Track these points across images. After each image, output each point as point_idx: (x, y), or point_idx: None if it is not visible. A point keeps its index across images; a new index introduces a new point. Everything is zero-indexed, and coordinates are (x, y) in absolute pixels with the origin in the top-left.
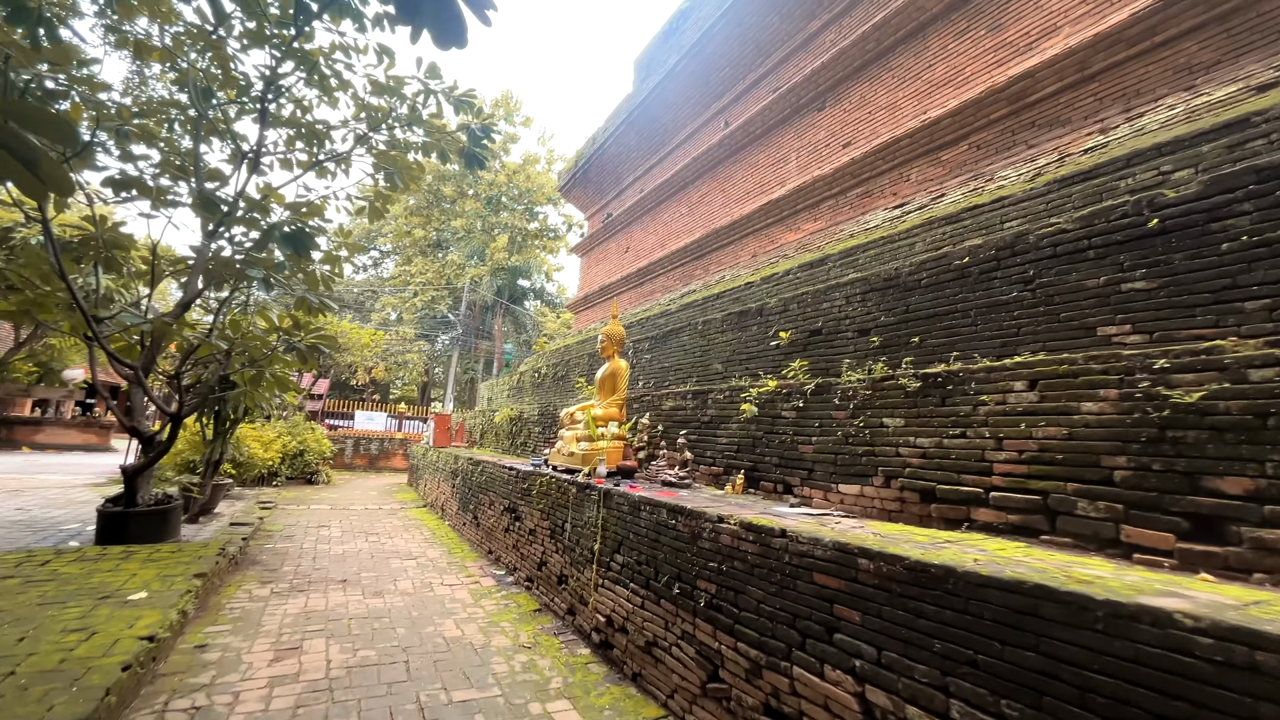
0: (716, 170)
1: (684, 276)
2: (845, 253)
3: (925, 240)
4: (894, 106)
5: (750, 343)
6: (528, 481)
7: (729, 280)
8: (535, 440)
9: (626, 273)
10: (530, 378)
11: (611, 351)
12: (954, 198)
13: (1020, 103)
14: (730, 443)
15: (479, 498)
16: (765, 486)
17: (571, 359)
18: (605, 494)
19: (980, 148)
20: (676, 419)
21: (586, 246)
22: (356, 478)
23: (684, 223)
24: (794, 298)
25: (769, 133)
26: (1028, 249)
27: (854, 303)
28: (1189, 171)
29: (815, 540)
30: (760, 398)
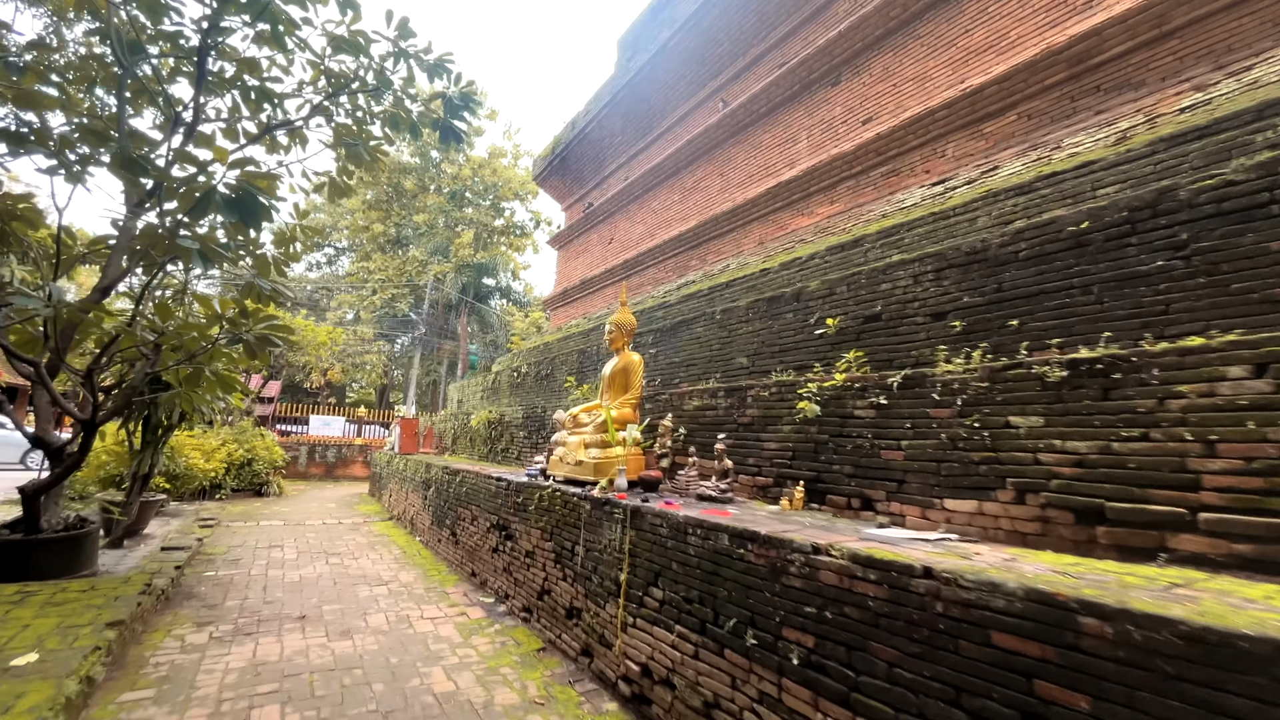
0: (713, 153)
1: (678, 267)
2: (884, 232)
3: (991, 214)
4: (924, 78)
5: (785, 332)
6: (523, 495)
7: (736, 269)
8: (520, 446)
9: (611, 265)
10: (508, 378)
11: (621, 343)
12: (1013, 169)
13: (1082, 65)
14: (781, 448)
15: (459, 512)
16: (835, 501)
17: (556, 356)
18: (633, 512)
19: (1032, 117)
20: (703, 421)
21: (564, 239)
22: (312, 488)
23: (677, 210)
24: (842, 280)
25: (774, 111)
26: (1177, 208)
27: (924, 282)
28: None
29: (991, 585)
30: (823, 394)
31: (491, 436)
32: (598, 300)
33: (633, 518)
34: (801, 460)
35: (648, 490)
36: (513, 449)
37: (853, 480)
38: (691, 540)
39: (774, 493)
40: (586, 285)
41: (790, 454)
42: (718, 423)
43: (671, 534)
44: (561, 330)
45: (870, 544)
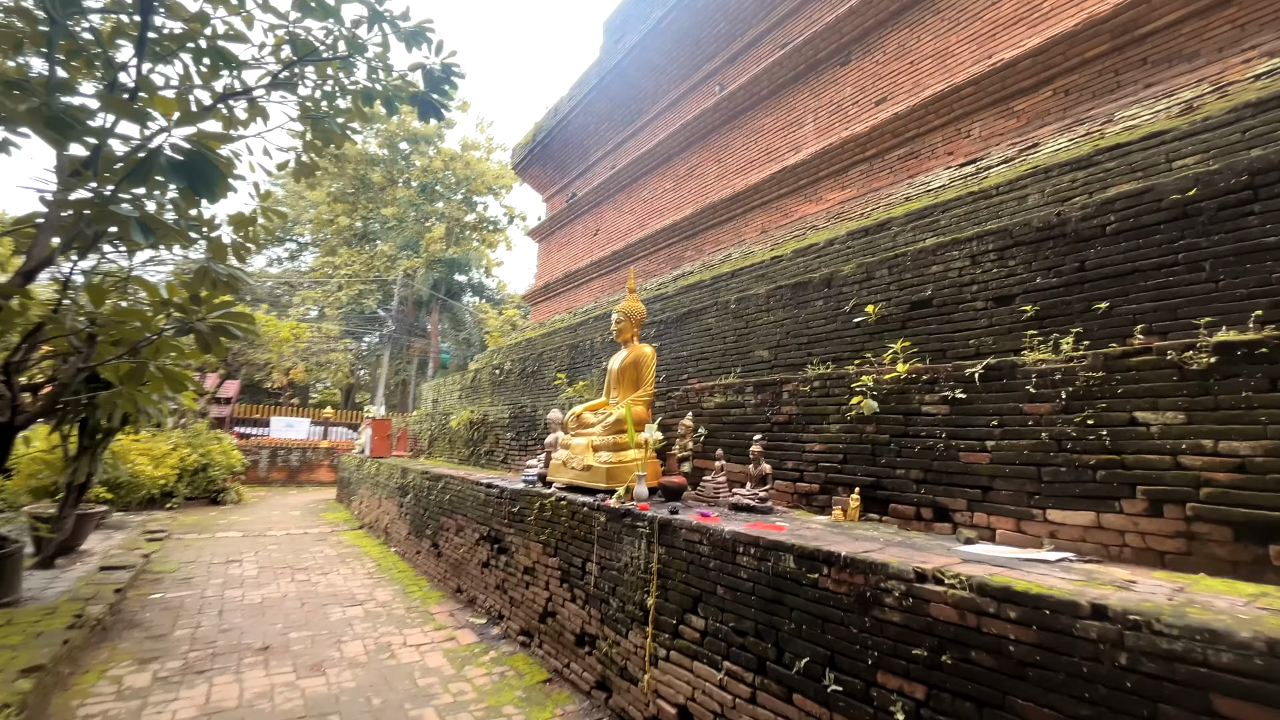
0: (709, 139)
1: (671, 259)
2: (915, 214)
3: (1044, 190)
4: (945, 54)
5: (814, 321)
6: (520, 504)
7: (741, 257)
8: (507, 449)
9: (597, 257)
10: (489, 376)
11: (630, 334)
12: (1057, 145)
13: (1127, 36)
14: (828, 450)
15: (442, 521)
16: (900, 511)
17: (543, 352)
18: (662, 526)
19: (1070, 92)
20: (728, 420)
21: (546, 231)
22: (274, 494)
23: (669, 199)
24: (881, 263)
25: (777, 94)
26: None
27: (983, 263)
28: None
29: (1210, 634)
30: (881, 388)
31: (474, 438)
32: (582, 294)
33: (662, 532)
34: (855, 464)
35: (671, 498)
36: (498, 452)
37: (922, 487)
38: (743, 561)
39: (819, 500)
40: (570, 278)
41: (841, 456)
42: (745, 422)
43: (715, 552)
44: (545, 325)
45: (990, 569)
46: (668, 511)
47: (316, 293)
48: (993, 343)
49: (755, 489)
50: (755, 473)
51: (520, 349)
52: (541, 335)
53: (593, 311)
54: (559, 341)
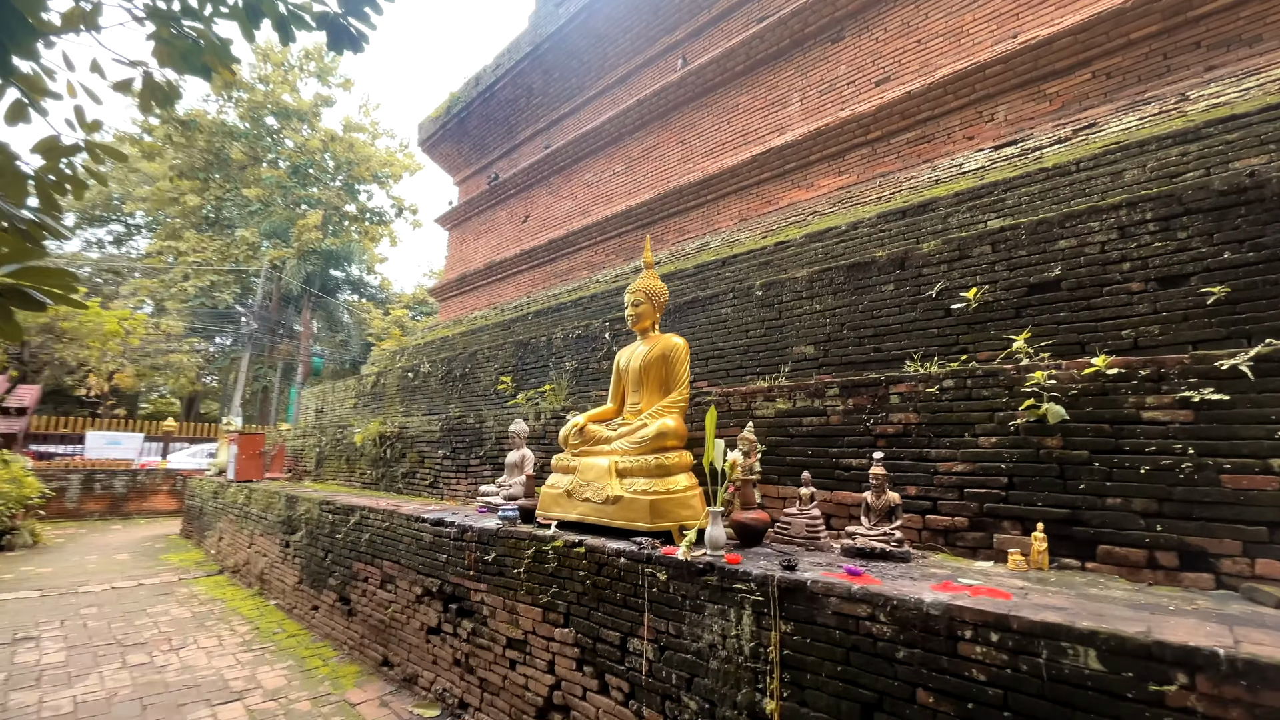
0: (671, 118)
1: (624, 249)
2: (968, 194)
3: (1145, 165)
4: (958, 33)
5: (882, 309)
6: (496, 549)
7: (723, 246)
8: (438, 470)
9: (528, 246)
10: (399, 380)
11: (651, 321)
12: (1127, 123)
13: (1180, 17)
14: (979, 471)
15: (356, 568)
16: (1118, 555)
17: (478, 352)
18: (785, 591)
19: (1111, 75)
20: (797, 433)
21: (460, 216)
22: (91, 531)
23: (620, 183)
24: (982, 238)
25: (755, 70)
26: None
27: (1138, 235)
28: None
29: None
30: (1070, 388)
31: (385, 457)
32: (508, 287)
33: (786, 599)
34: (1029, 490)
35: (748, 542)
36: (422, 474)
37: (1156, 522)
38: (973, 652)
39: (968, 539)
40: (494, 270)
41: (1004, 480)
42: (826, 434)
43: (905, 635)
44: (465, 322)
45: None
46: (779, 566)
47: (153, 282)
48: (1159, 333)
49: (876, 525)
50: (878, 504)
51: (438, 348)
52: (464, 333)
53: (525, 308)
54: (495, 339)
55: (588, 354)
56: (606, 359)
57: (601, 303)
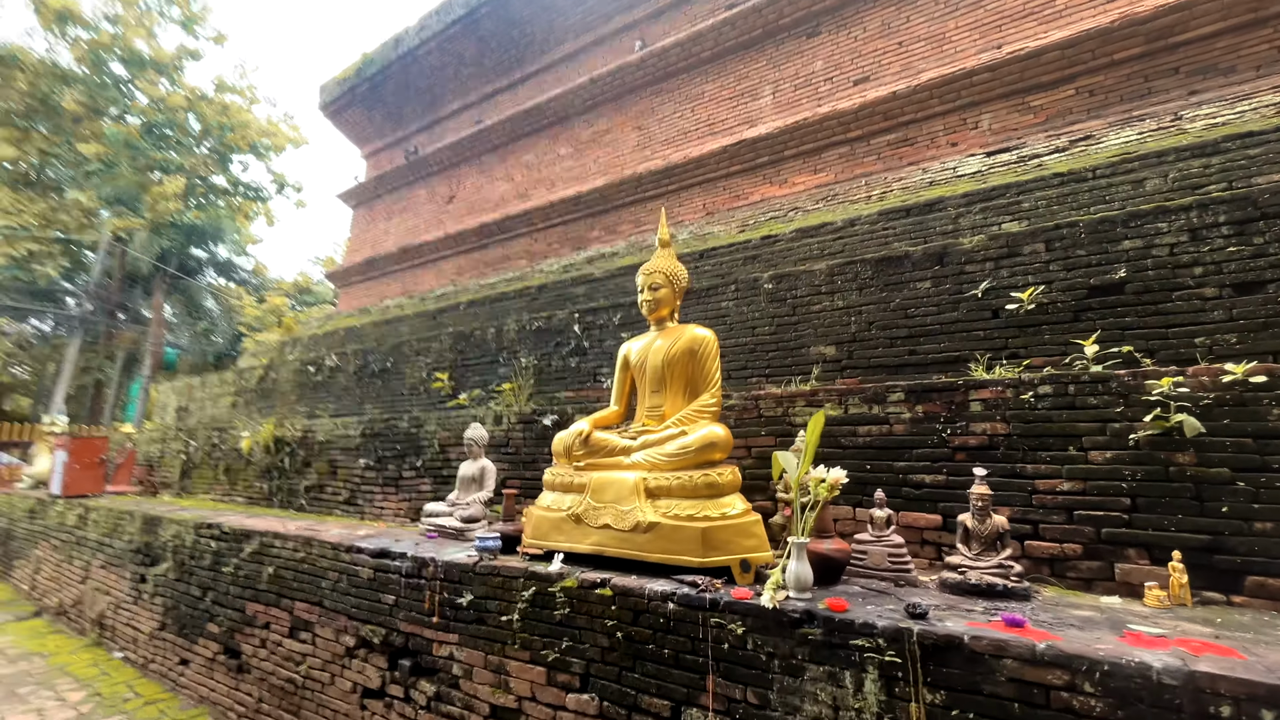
0: (627, 101)
1: (571, 238)
2: (979, 195)
3: (1166, 175)
4: (940, 39)
5: (918, 307)
6: (474, 590)
7: (695, 239)
8: (356, 485)
9: (454, 229)
10: (296, 376)
11: (669, 308)
12: (1127, 137)
13: (1161, 42)
14: (1092, 491)
15: (253, 611)
16: (1274, 589)
17: (402, 344)
18: (930, 650)
19: (1094, 92)
20: (853, 445)
21: (369, 193)
22: None
23: (566, 167)
24: (1034, 234)
25: (722, 59)
26: None
27: (1211, 239)
28: None
29: None
30: (1202, 398)
31: (284, 468)
32: (427, 274)
33: (931, 661)
34: (1157, 513)
35: (824, 579)
36: (336, 489)
37: None
38: None
39: (1081, 569)
40: (411, 254)
41: (1127, 501)
42: (891, 446)
43: (1118, 710)
44: (375, 311)
45: None
46: (904, 614)
47: None
48: (1236, 341)
49: (981, 555)
50: (983, 529)
51: (342, 339)
52: (376, 323)
53: (451, 296)
54: (422, 331)
55: (549, 349)
56: (576, 355)
57: (553, 294)
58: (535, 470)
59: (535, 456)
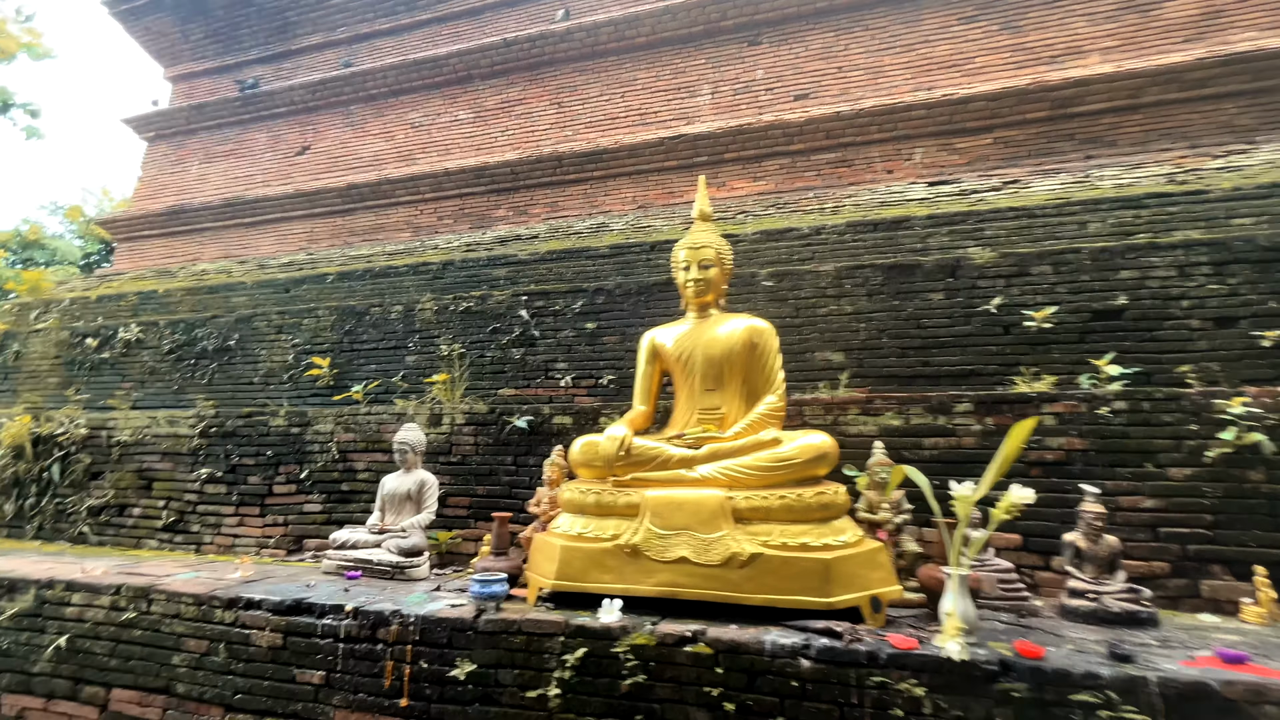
0: (545, 73)
1: (471, 214)
2: (943, 218)
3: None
4: (878, 70)
5: (930, 318)
6: (475, 656)
7: (629, 229)
8: (194, 506)
9: (309, 187)
10: (59, 351)
11: (716, 293)
12: (1052, 186)
13: (1063, 110)
14: (1174, 509)
15: (16, 705)
16: None
17: (255, 315)
18: (1193, 702)
19: (1009, 145)
20: (916, 458)
21: (177, 124)
22: None
23: (466, 133)
24: (1043, 256)
25: (659, 48)
26: None
27: (1195, 276)
28: None
29: None
30: (1268, 418)
31: (47, 481)
32: (265, 236)
33: (1176, 714)
34: (1236, 529)
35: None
36: (148, 510)
37: None
38: None
39: (1168, 587)
40: (241, 210)
41: (1208, 519)
42: (959, 459)
43: None
44: (184, 275)
45: None
46: (1107, 655)
47: None
48: (1218, 369)
49: (1098, 578)
50: (1097, 550)
51: (132, 307)
52: (193, 290)
53: (303, 267)
54: (267, 303)
55: (484, 336)
56: (520, 346)
57: (461, 274)
58: (492, 484)
59: (493, 467)
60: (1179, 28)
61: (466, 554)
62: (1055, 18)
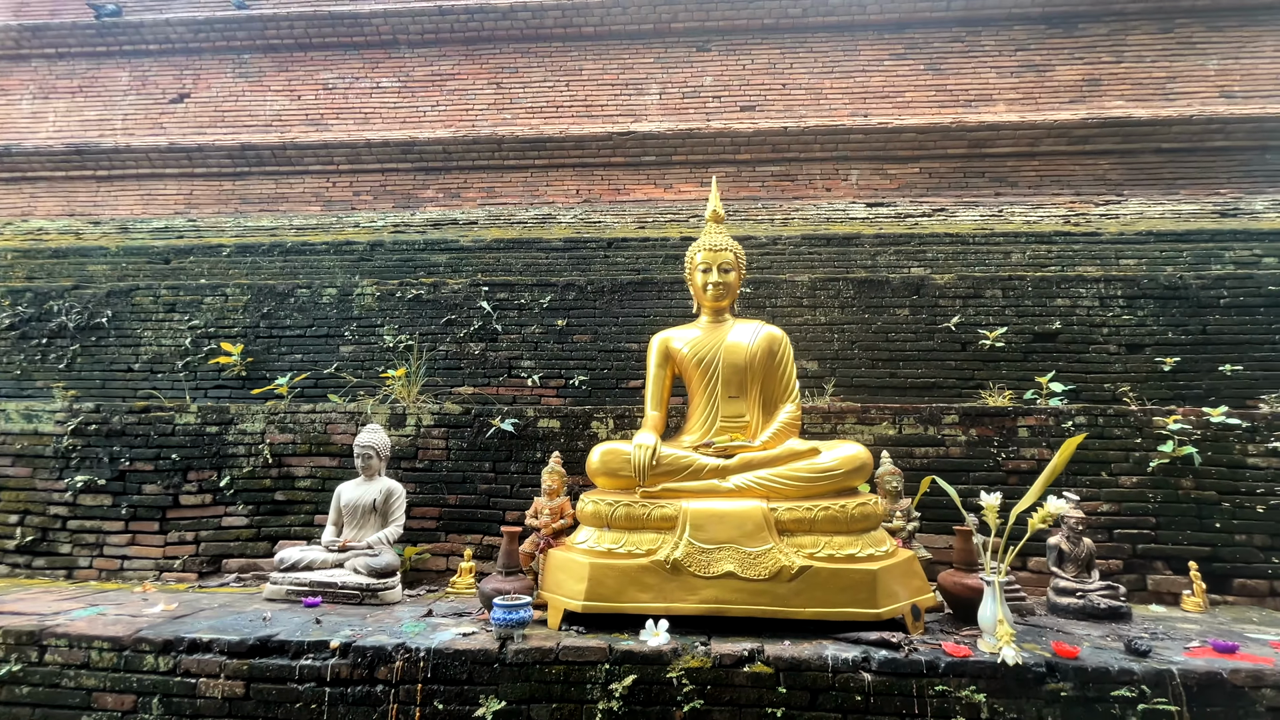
0: (483, 50)
1: (392, 192)
2: (888, 238)
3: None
4: (819, 92)
5: (897, 332)
6: (506, 691)
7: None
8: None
9: (189, 142)
10: None
11: (732, 298)
12: (973, 216)
13: (977, 150)
14: (1126, 511)
15: None
16: (1250, 588)
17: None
18: (1209, 690)
19: (933, 175)
20: (908, 466)
21: (6, 46)
22: None
23: (390, 102)
24: (994, 281)
25: (607, 40)
26: None
27: (1113, 307)
28: None
29: None
30: (1194, 433)
31: None
32: (126, 195)
33: (1196, 703)
34: (1174, 529)
35: (963, 617)
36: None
37: (1274, 555)
38: None
39: (1124, 581)
40: (92, 159)
41: (1152, 520)
42: (949, 468)
43: None
44: (15, 234)
45: None
46: (1124, 650)
47: None
48: (1129, 390)
49: (1076, 576)
50: (1077, 551)
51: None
52: (28, 252)
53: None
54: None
55: (437, 328)
56: (480, 340)
57: (394, 256)
58: (466, 493)
59: (466, 474)
60: (1067, 89)
61: (435, 571)
62: (970, 66)
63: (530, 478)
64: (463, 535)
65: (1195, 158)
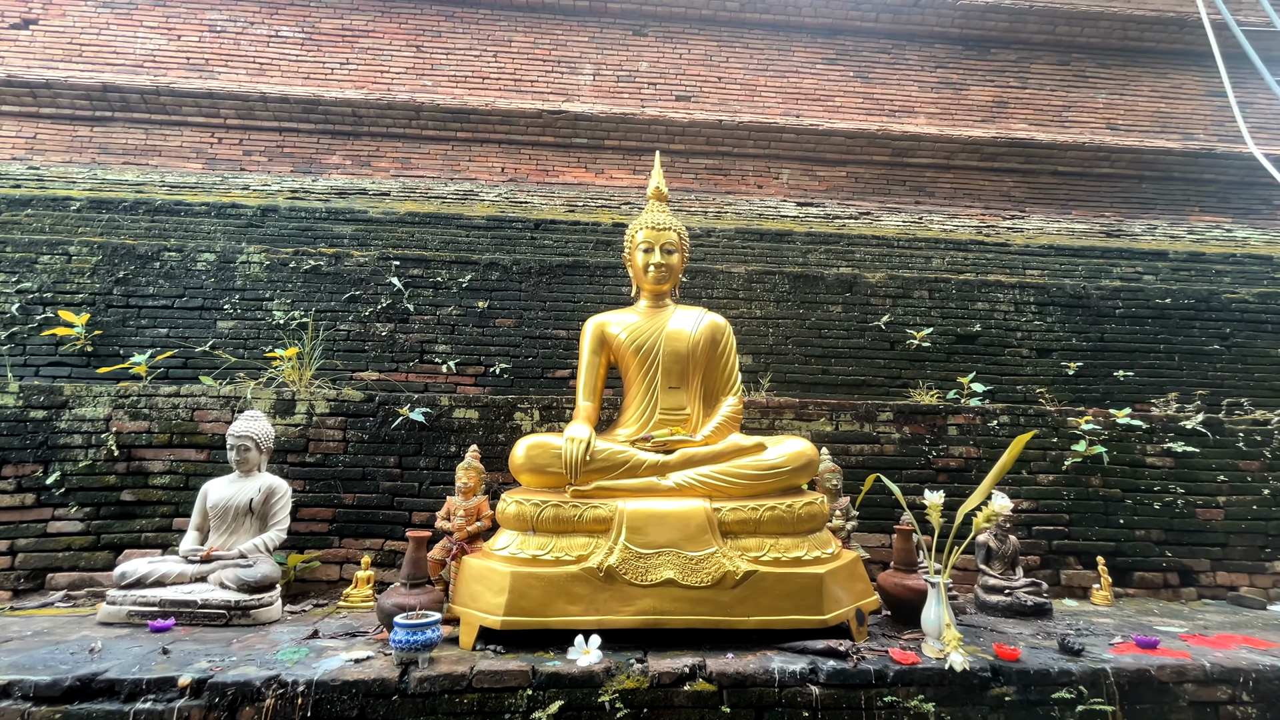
0: (402, 10)
1: (291, 155)
2: (818, 237)
3: (945, 260)
4: (754, 88)
5: (830, 329)
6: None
7: (505, 204)
8: None
9: (34, 76)
10: None
11: (675, 279)
12: (897, 222)
13: (899, 160)
14: (1043, 509)
15: None
16: (1147, 580)
17: None
18: (1138, 687)
19: (858, 180)
20: (845, 463)
21: None
22: None
23: (291, 54)
24: (921, 282)
25: (539, 14)
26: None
27: (1026, 312)
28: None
29: None
30: (1103, 433)
31: None
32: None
33: (1128, 700)
34: (1085, 525)
35: (902, 619)
36: None
37: (1166, 549)
38: None
39: (1040, 576)
40: None
41: (1066, 517)
42: (884, 465)
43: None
44: None
45: None
46: (1057, 650)
47: None
48: (1043, 392)
49: (1002, 573)
50: (1004, 549)
51: None
52: None
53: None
54: None
55: (338, 305)
56: (388, 320)
57: (291, 224)
58: (366, 491)
59: (367, 470)
60: (980, 109)
61: (325, 581)
62: (895, 78)
63: (443, 474)
64: (360, 540)
65: (1085, 182)
